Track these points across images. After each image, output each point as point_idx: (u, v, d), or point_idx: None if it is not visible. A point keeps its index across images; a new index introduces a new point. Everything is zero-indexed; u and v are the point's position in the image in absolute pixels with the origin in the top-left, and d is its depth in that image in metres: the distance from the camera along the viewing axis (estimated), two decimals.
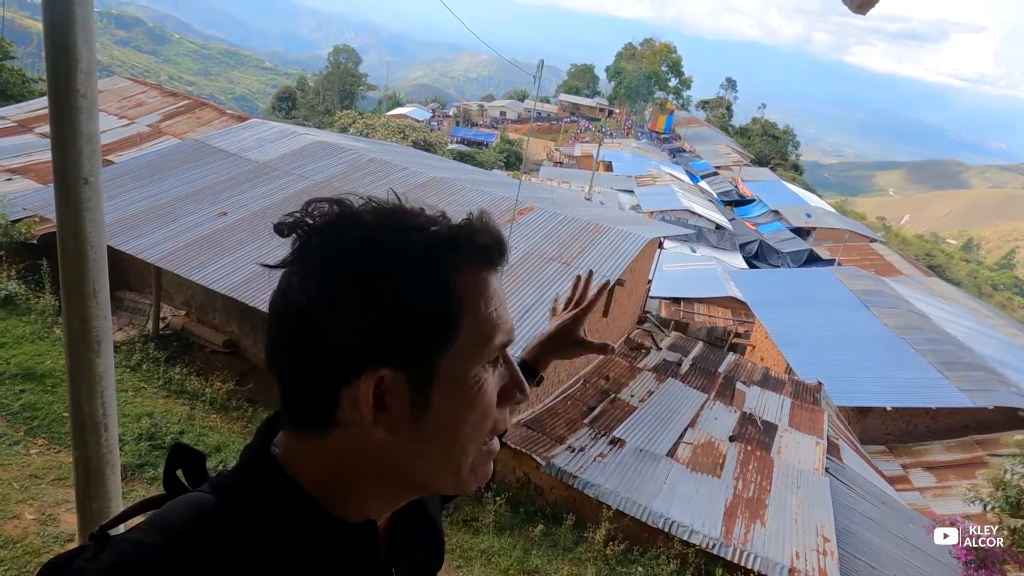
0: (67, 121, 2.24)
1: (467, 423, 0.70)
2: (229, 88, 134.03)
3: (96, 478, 2.90)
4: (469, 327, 0.68)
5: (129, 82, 21.34)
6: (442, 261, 0.67)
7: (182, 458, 0.76)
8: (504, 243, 0.73)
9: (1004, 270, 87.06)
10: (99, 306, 2.59)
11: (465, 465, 0.73)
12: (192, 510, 0.68)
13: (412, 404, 0.67)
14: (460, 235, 0.69)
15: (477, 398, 0.70)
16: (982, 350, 19.84)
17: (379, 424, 0.67)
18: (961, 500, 10.70)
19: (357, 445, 0.69)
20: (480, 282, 0.70)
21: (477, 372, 0.70)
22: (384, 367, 0.65)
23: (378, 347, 0.65)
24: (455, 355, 0.67)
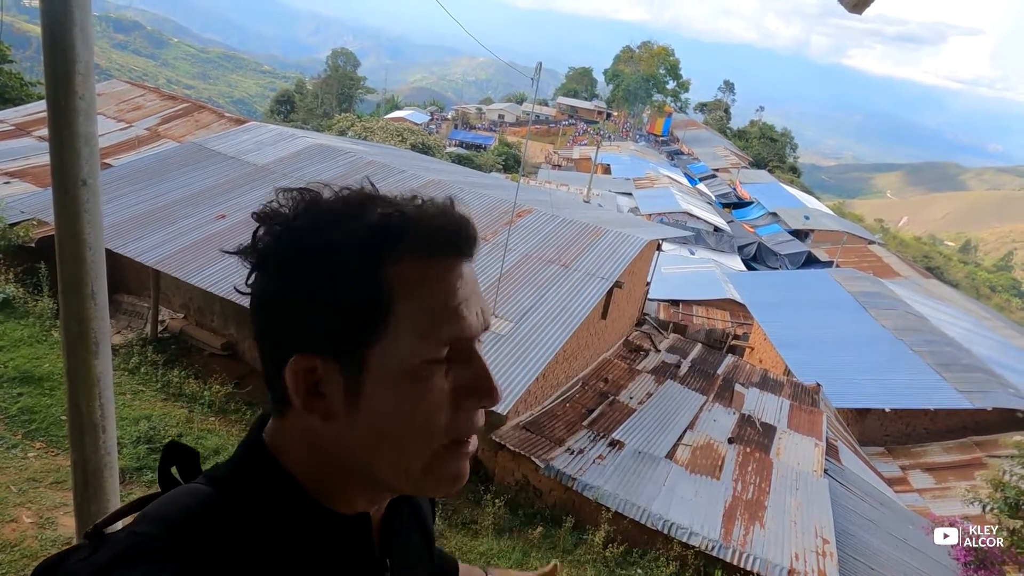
0: (65, 123, 2.24)
1: (409, 417, 0.67)
2: (227, 91, 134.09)
3: (94, 480, 2.90)
4: (404, 319, 0.66)
5: (127, 85, 21.35)
6: (376, 251, 0.66)
7: (177, 455, 0.77)
8: (461, 231, 0.70)
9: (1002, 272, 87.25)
10: (97, 308, 2.59)
11: (417, 463, 0.69)
12: (189, 501, 0.68)
13: (346, 393, 0.67)
14: (401, 223, 0.67)
15: (417, 393, 0.67)
16: (980, 351, 19.87)
17: (313, 410, 0.68)
18: (960, 501, 10.71)
19: (308, 431, 0.70)
20: (422, 273, 0.67)
21: (418, 366, 0.66)
22: (315, 354, 0.66)
23: (308, 335, 0.66)
24: (388, 347, 0.66)
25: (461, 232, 0.70)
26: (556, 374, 10.59)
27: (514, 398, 8.39)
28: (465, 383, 0.69)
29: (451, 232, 0.69)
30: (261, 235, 0.69)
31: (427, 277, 0.67)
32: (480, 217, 12.24)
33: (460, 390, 0.69)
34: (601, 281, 10.87)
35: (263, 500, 0.70)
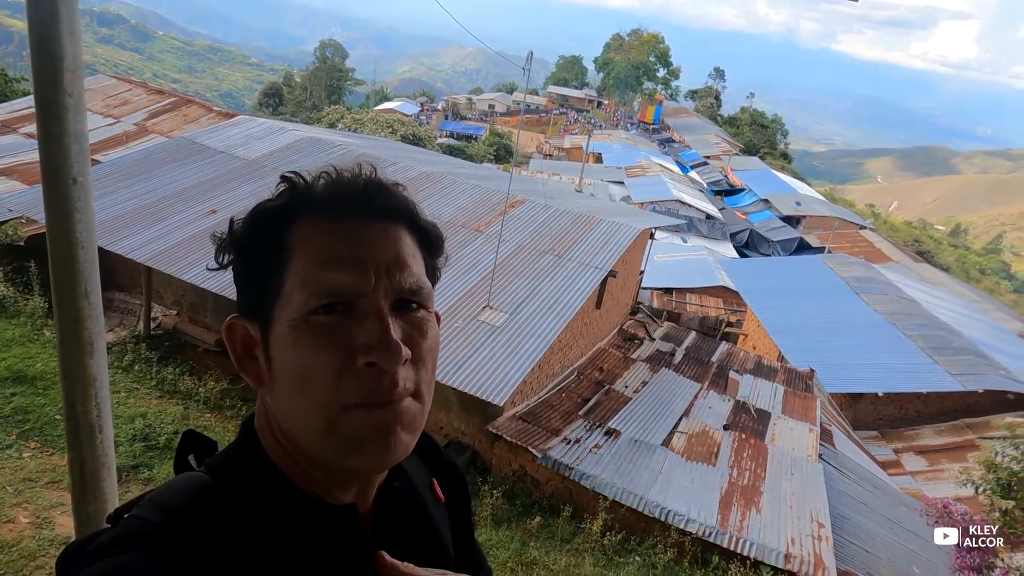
0: (54, 120, 2.21)
1: (301, 374, 0.68)
2: (215, 85, 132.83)
3: (92, 480, 2.88)
4: (295, 273, 0.70)
5: (114, 80, 21.12)
6: (277, 218, 0.73)
7: (194, 444, 0.82)
8: (357, 193, 0.74)
9: (991, 255, 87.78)
10: (91, 307, 2.57)
11: (317, 424, 0.69)
12: (186, 488, 0.72)
13: (266, 354, 0.73)
14: (303, 192, 0.74)
15: (306, 347, 0.68)
16: (971, 335, 20.04)
17: (247, 372, 0.75)
18: (953, 483, 10.83)
19: (263, 406, 0.77)
20: (312, 230, 0.72)
21: (304, 317, 0.69)
22: (243, 317, 0.75)
23: (239, 301, 0.76)
24: (285, 301, 0.70)
25: (357, 195, 0.74)
26: (551, 364, 10.61)
27: (510, 389, 8.40)
28: (358, 339, 0.69)
29: (344, 194, 0.74)
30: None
31: (314, 232, 0.72)
32: (473, 208, 12.21)
33: (353, 346, 0.68)
34: (595, 271, 10.88)
35: (251, 488, 0.74)
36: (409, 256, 0.75)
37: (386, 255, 0.72)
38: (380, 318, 0.69)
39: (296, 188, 0.75)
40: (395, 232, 0.75)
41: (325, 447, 0.70)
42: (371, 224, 0.73)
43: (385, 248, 0.73)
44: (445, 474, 1.01)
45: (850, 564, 8.59)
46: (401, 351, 0.68)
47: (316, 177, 0.76)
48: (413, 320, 0.73)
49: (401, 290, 0.72)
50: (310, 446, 0.72)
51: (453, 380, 8.37)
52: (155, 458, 7.28)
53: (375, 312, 0.70)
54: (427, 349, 0.74)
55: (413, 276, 0.74)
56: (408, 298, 0.73)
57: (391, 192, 0.77)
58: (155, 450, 7.40)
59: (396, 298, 0.72)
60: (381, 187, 0.76)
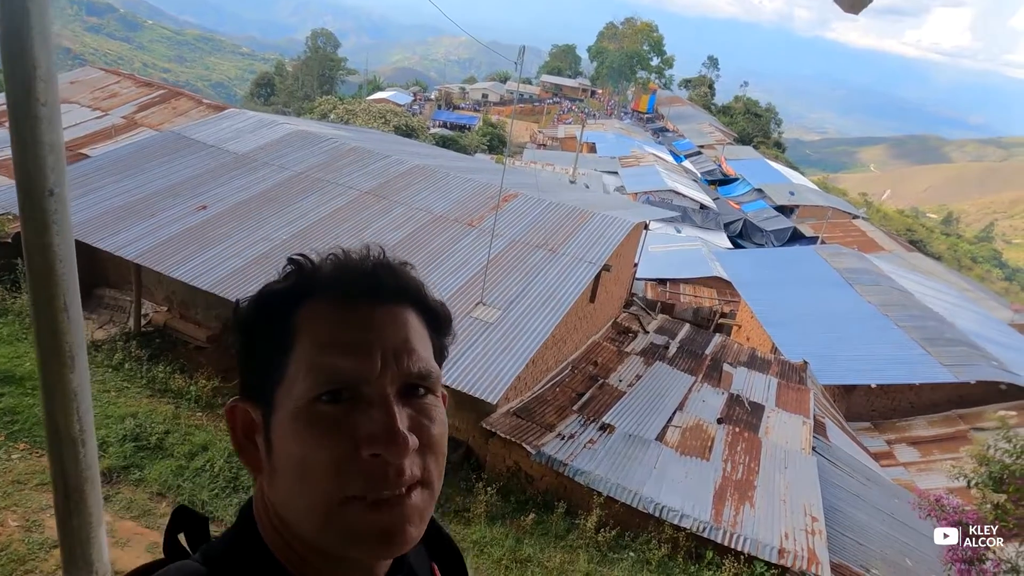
0: (27, 131, 2.13)
1: (302, 462, 0.66)
2: (205, 75, 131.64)
3: (75, 494, 2.83)
4: (300, 358, 0.69)
5: (102, 72, 20.87)
6: (283, 301, 0.72)
7: (185, 521, 0.80)
8: (365, 278, 0.72)
9: (983, 243, 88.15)
10: (71, 320, 2.50)
11: (316, 515, 0.66)
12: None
13: (265, 439, 0.70)
14: (305, 274, 0.73)
15: (309, 435, 0.66)
16: (964, 325, 20.11)
17: (245, 457, 0.73)
18: (945, 475, 10.87)
19: (261, 493, 0.74)
20: (318, 314, 0.70)
21: (308, 404, 0.67)
22: (245, 400, 0.73)
23: (241, 383, 0.74)
24: (288, 387, 0.68)
25: (363, 278, 0.72)
26: (546, 359, 10.58)
27: (503, 387, 8.37)
28: (363, 429, 0.66)
29: (351, 277, 0.72)
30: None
31: (320, 315, 0.70)
32: (466, 202, 12.13)
33: (357, 437, 0.66)
34: (589, 265, 10.83)
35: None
36: (417, 340, 0.73)
37: (393, 340, 0.70)
38: (386, 407, 0.67)
39: (303, 270, 0.74)
40: (403, 315, 0.73)
41: (325, 538, 0.68)
42: (378, 307, 0.72)
43: (392, 332, 0.71)
44: (445, 556, 0.99)
45: (843, 556, 8.63)
46: (408, 442, 0.66)
47: (323, 259, 0.74)
48: (421, 406, 0.71)
49: (408, 375, 0.70)
50: (309, 536, 0.69)
51: (446, 378, 8.28)
52: (146, 458, 7.23)
53: (380, 400, 0.68)
54: (436, 434, 0.71)
55: (421, 361, 0.71)
56: (416, 383, 0.71)
57: (399, 273, 0.75)
58: (146, 450, 7.35)
59: (403, 383, 0.70)
60: (389, 269, 0.74)
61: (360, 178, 12.33)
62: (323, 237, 10.33)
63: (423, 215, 11.50)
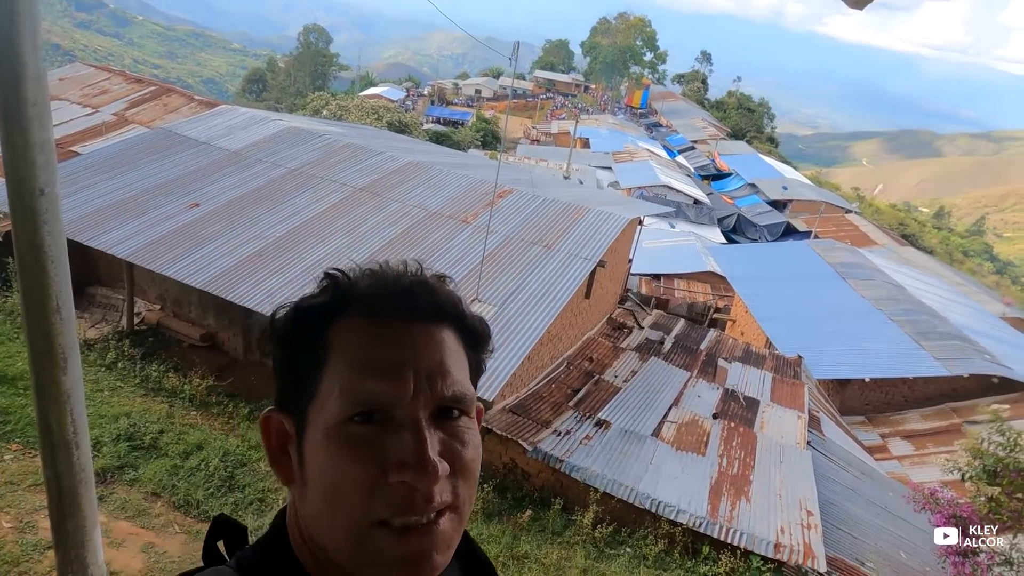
0: (17, 131, 2.09)
1: (333, 483, 0.66)
2: (197, 71, 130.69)
3: (69, 497, 2.80)
4: (333, 375, 0.68)
5: (92, 69, 20.69)
6: (318, 316, 0.71)
7: (224, 530, 0.81)
8: (401, 296, 0.71)
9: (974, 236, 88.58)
10: (63, 322, 2.46)
11: (345, 538, 0.66)
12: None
13: (299, 453, 0.70)
14: (341, 289, 0.72)
15: (340, 456, 0.65)
16: (956, 319, 20.23)
17: (278, 467, 0.73)
18: (939, 469, 10.93)
19: (293, 506, 0.75)
20: (352, 331, 0.70)
21: (339, 425, 0.66)
22: (279, 411, 0.73)
23: (276, 394, 0.74)
24: (321, 405, 0.68)
25: (400, 295, 0.71)
26: (541, 356, 10.57)
27: (500, 383, 8.36)
28: (393, 454, 0.65)
29: (388, 294, 0.71)
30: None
31: (355, 333, 0.69)
32: (460, 199, 12.09)
33: (387, 461, 0.65)
34: (584, 261, 10.82)
35: None
36: (452, 361, 0.71)
37: (427, 361, 0.69)
38: (417, 431, 0.66)
39: (339, 285, 0.73)
40: (438, 335, 0.71)
41: (351, 560, 0.68)
42: (414, 326, 0.70)
43: (427, 353, 0.69)
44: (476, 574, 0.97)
45: (838, 550, 8.67)
46: (438, 469, 0.65)
47: (360, 274, 0.73)
48: (454, 429, 0.70)
49: (442, 399, 0.69)
50: (336, 556, 0.69)
51: None
52: (140, 458, 7.18)
53: (412, 424, 0.67)
54: (468, 459, 0.70)
55: (456, 384, 0.70)
56: (449, 406, 0.70)
57: (437, 291, 0.74)
58: (140, 450, 7.30)
59: (436, 407, 0.69)
60: (426, 286, 0.73)
61: (354, 175, 12.27)
62: (317, 234, 10.27)
63: (418, 211, 11.46)
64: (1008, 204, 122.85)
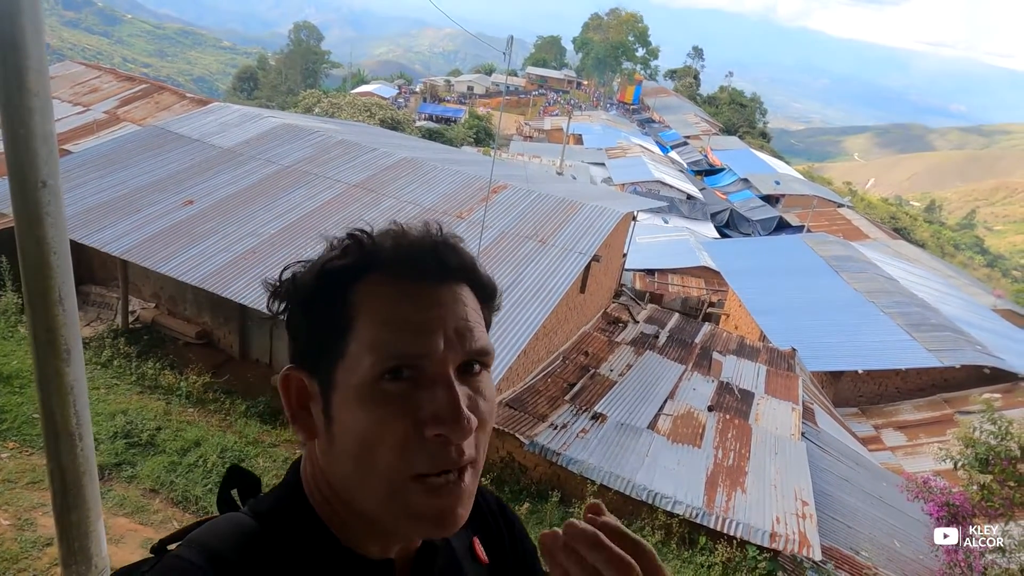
0: (20, 122, 2.11)
1: (366, 440, 0.67)
2: (187, 69, 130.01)
3: (73, 488, 2.81)
4: (361, 335, 0.69)
5: (82, 67, 20.57)
6: (344, 277, 0.71)
7: (238, 480, 0.84)
8: (427, 255, 0.72)
9: (965, 230, 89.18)
10: (66, 313, 2.48)
11: (379, 492, 0.68)
12: (231, 532, 0.73)
13: (324, 412, 0.71)
14: (366, 250, 0.72)
15: (373, 414, 0.67)
16: (948, 311, 20.38)
17: (299, 424, 0.74)
18: (932, 458, 11.05)
19: (312, 458, 0.77)
20: (380, 292, 0.70)
21: (372, 383, 0.67)
22: (300, 370, 0.73)
23: (295, 351, 0.74)
24: (350, 364, 0.68)
25: (426, 256, 0.72)
26: (537, 350, 10.61)
27: (496, 377, 8.38)
28: (427, 409, 0.67)
29: (414, 256, 0.72)
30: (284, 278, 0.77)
31: (382, 293, 0.70)
32: (455, 195, 12.11)
33: (421, 416, 0.67)
34: (579, 256, 10.86)
35: (294, 538, 0.75)
36: (474, 317, 0.73)
37: (455, 319, 0.71)
38: (449, 387, 0.68)
39: (363, 246, 0.73)
40: (462, 293, 0.73)
41: (384, 513, 0.70)
42: (440, 286, 0.72)
43: (454, 311, 0.71)
44: (489, 529, 0.99)
45: (833, 540, 8.75)
46: (471, 423, 0.67)
47: (384, 234, 0.74)
48: (477, 384, 0.72)
49: (469, 353, 0.71)
50: (365, 509, 0.72)
51: None
52: (137, 455, 7.17)
53: (443, 379, 0.68)
54: (487, 411, 0.73)
55: (481, 339, 0.72)
56: (474, 360, 0.72)
57: (459, 251, 0.75)
58: (137, 447, 7.29)
59: (463, 360, 0.71)
60: (449, 247, 0.74)
61: (348, 171, 12.26)
62: (312, 231, 10.27)
63: (412, 208, 11.47)
64: (998, 197, 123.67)
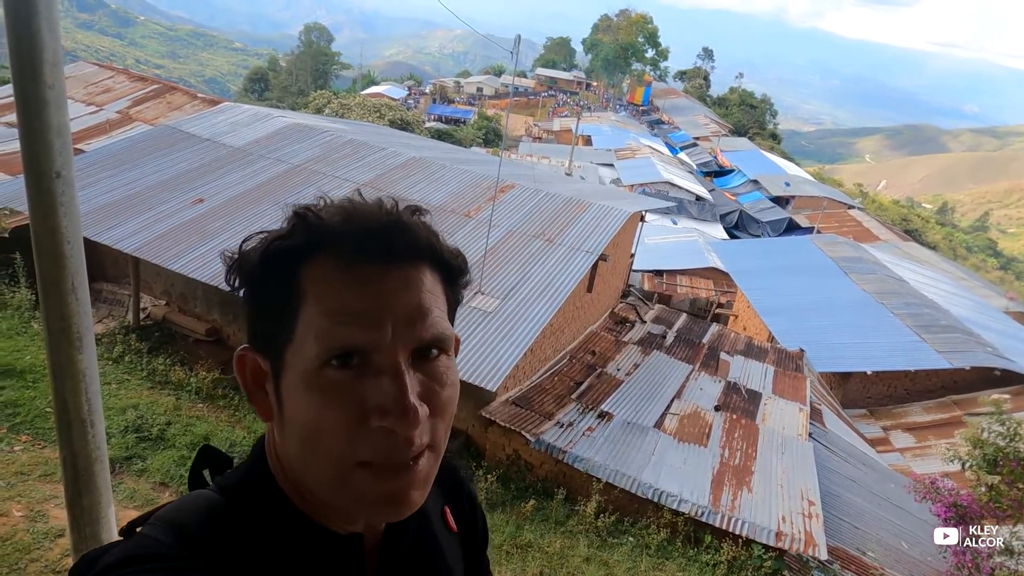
0: (35, 114, 2.17)
1: (312, 426, 0.66)
2: (199, 70, 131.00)
3: (85, 475, 2.87)
4: (308, 321, 0.66)
5: (95, 67, 20.79)
6: (289, 258, 0.68)
7: (210, 459, 0.83)
8: (375, 239, 0.68)
9: (978, 232, 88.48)
10: (79, 303, 2.54)
11: (327, 477, 0.67)
12: (198, 509, 0.73)
13: (276, 394, 0.71)
14: (311, 229, 0.69)
15: (318, 400, 0.65)
16: (958, 312, 20.23)
17: (255, 403, 0.74)
18: (940, 459, 10.97)
19: (271, 437, 0.76)
20: (326, 277, 0.67)
21: (317, 370, 0.65)
22: (255, 351, 0.72)
23: (249, 332, 0.73)
24: (297, 348, 0.67)
25: (376, 237, 0.68)
26: (544, 348, 10.63)
27: (503, 375, 8.43)
28: (373, 399, 0.65)
29: (363, 236, 0.68)
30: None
31: (329, 278, 0.67)
32: (463, 194, 12.16)
33: (367, 406, 0.65)
34: (586, 255, 10.88)
35: (260, 514, 0.74)
36: (430, 302, 0.70)
37: (405, 306, 0.67)
38: (396, 376, 0.65)
39: (309, 224, 0.69)
40: (416, 276, 0.69)
41: (334, 497, 0.70)
42: (390, 270, 0.68)
43: (405, 298, 0.68)
44: (460, 502, 0.99)
45: (840, 540, 8.73)
46: (418, 414, 0.65)
47: (332, 211, 0.71)
48: (432, 370, 0.69)
49: (421, 341, 0.68)
50: (319, 494, 0.71)
51: None
52: (148, 449, 7.26)
53: (391, 369, 0.66)
54: (446, 399, 0.70)
55: (434, 326, 0.69)
56: (429, 346, 0.69)
57: (412, 229, 0.71)
58: (147, 441, 7.38)
59: (416, 347, 0.68)
60: (401, 226, 0.70)
61: (357, 170, 12.34)
62: None
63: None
64: (1012, 200, 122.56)
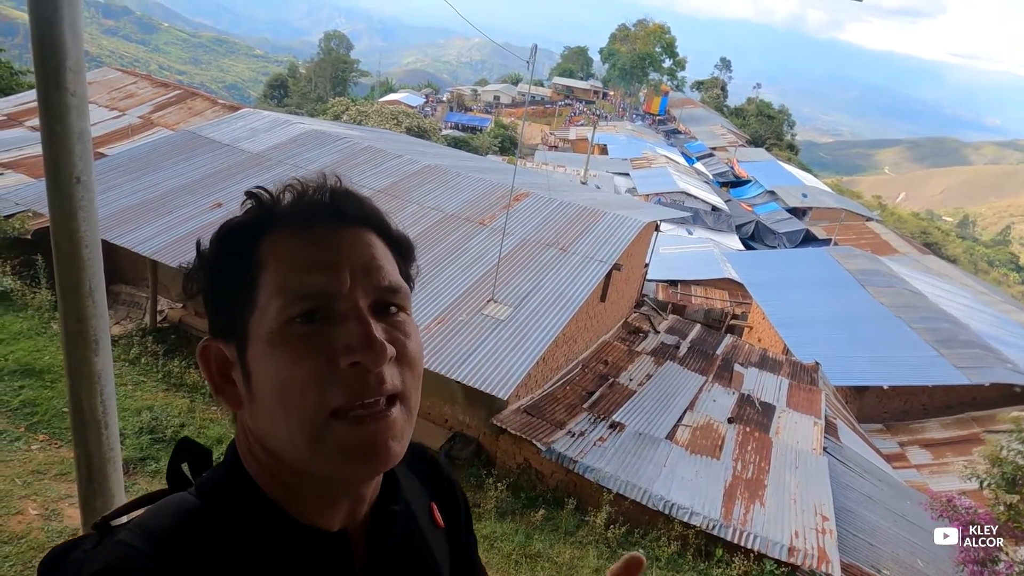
0: (57, 119, 2.21)
1: (283, 384, 0.66)
2: (220, 77, 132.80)
3: (98, 475, 2.91)
4: (267, 285, 0.69)
5: (119, 73, 21.13)
6: (247, 233, 0.72)
7: (188, 452, 0.81)
8: (321, 203, 0.73)
9: (1000, 246, 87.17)
10: (96, 305, 2.58)
11: (301, 433, 0.67)
12: (173, 514, 0.72)
13: (243, 373, 0.71)
14: (266, 206, 0.73)
15: (286, 356, 0.66)
16: (978, 327, 19.92)
17: (224, 396, 0.73)
18: (958, 477, 10.79)
19: (242, 429, 0.75)
20: (280, 242, 0.71)
21: (281, 327, 0.67)
22: (217, 338, 0.73)
23: (211, 321, 0.74)
24: (259, 316, 0.69)
25: (324, 203, 0.73)
26: (556, 357, 10.61)
27: (515, 383, 8.41)
28: (340, 342, 0.67)
29: (312, 204, 0.73)
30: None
31: (285, 243, 0.71)
32: (478, 202, 12.20)
33: (335, 348, 0.67)
34: (600, 264, 10.86)
35: (240, 515, 0.73)
36: (383, 258, 0.74)
37: (360, 257, 0.72)
38: (360, 318, 0.68)
39: (263, 203, 0.74)
40: (366, 236, 0.74)
41: (312, 458, 0.68)
42: (341, 229, 0.73)
43: (358, 251, 0.72)
44: (445, 496, 0.99)
45: (854, 557, 8.60)
46: (385, 348, 0.67)
47: (281, 190, 0.74)
48: (395, 322, 0.72)
49: (379, 289, 0.71)
50: (295, 460, 0.70)
51: (458, 373, 8.39)
52: (162, 450, 7.33)
53: (354, 313, 0.68)
54: (412, 349, 0.72)
55: (390, 276, 0.73)
56: (387, 299, 0.72)
57: (359, 198, 0.76)
58: (162, 442, 7.45)
59: (375, 299, 0.71)
60: (348, 195, 0.75)
61: (373, 177, 12.43)
62: None
63: (435, 214, 11.58)
64: None
